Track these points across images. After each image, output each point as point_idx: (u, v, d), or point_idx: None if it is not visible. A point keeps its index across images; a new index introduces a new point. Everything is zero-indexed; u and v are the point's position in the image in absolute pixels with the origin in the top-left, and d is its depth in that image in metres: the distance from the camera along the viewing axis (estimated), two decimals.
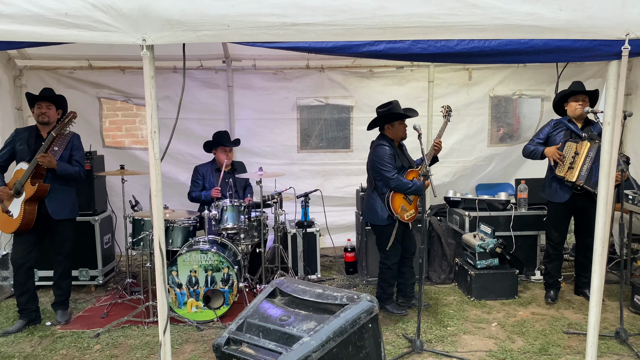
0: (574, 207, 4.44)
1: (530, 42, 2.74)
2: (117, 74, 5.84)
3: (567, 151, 4.31)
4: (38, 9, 2.57)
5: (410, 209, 4.23)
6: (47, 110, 4.14)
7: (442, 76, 6.05)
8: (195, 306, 4.26)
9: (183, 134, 5.74)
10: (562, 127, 4.48)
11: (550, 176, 4.53)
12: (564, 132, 4.46)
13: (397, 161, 4.18)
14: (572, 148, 4.28)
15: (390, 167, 4.12)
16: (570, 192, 4.36)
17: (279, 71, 6.03)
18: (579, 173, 4.19)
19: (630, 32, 2.66)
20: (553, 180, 4.47)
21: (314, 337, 2.39)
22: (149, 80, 2.70)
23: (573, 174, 4.23)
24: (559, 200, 4.43)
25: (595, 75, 5.90)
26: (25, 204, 4.00)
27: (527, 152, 4.63)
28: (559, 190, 4.43)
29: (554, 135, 4.51)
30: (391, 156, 4.14)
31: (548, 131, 4.57)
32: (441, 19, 2.66)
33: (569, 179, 4.25)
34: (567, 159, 4.28)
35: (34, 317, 4.25)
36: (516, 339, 3.87)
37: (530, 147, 4.59)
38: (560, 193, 4.42)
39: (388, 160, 4.13)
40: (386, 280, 4.38)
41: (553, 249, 4.61)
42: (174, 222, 4.54)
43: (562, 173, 4.31)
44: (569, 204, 4.41)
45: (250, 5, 2.60)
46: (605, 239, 2.95)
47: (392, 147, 4.20)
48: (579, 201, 4.37)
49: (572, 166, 4.25)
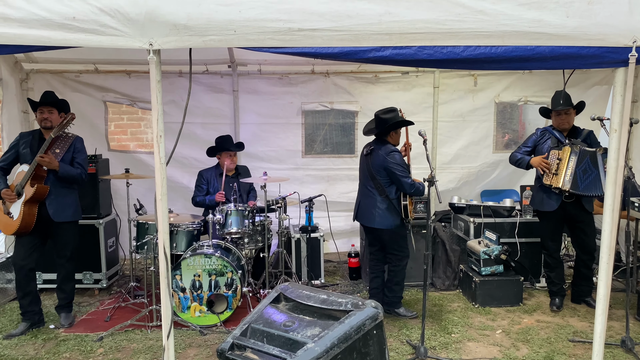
0: (565, 216, 4.45)
1: (536, 48, 2.74)
2: (123, 77, 5.86)
3: (552, 159, 4.33)
4: (46, 13, 2.59)
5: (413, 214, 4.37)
6: (49, 115, 4.16)
7: (448, 82, 6.04)
8: (199, 310, 4.25)
9: (188, 138, 5.75)
10: (548, 136, 4.51)
11: (537, 185, 4.55)
12: (550, 140, 4.47)
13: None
14: (555, 155, 4.31)
15: (407, 173, 4.16)
16: (559, 200, 4.36)
17: (284, 76, 6.04)
18: (563, 178, 4.21)
19: (638, 40, 2.66)
20: (541, 189, 4.49)
21: (318, 343, 2.37)
22: (155, 84, 2.71)
23: (558, 179, 4.24)
24: (548, 209, 4.44)
25: (601, 82, 5.89)
26: (25, 206, 4.01)
27: (513, 160, 4.65)
28: (547, 199, 4.43)
29: (541, 144, 4.52)
30: (404, 162, 4.22)
31: (535, 140, 4.59)
32: (448, 25, 2.66)
33: (555, 185, 4.27)
34: (552, 166, 4.29)
35: (37, 319, 4.25)
36: (521, 347, 3.85)
37: (517, 155, 4.61)
38: (549, 202, 4.42)
39: (405, 165, 4.19)
40: (400, 284, 4.42)
41: (551, 258, 4.62)
42: (178, 226, 4.54)
43: (548, 181, 4.32)
44: (559, 212, 4.41)
45: (257, 10, 2.61)
46: (612, 247, 2.93)
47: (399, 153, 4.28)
48: (569, 209, 4.38)
49: (556, 172, 4.27)
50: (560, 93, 4.39)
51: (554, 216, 4.46)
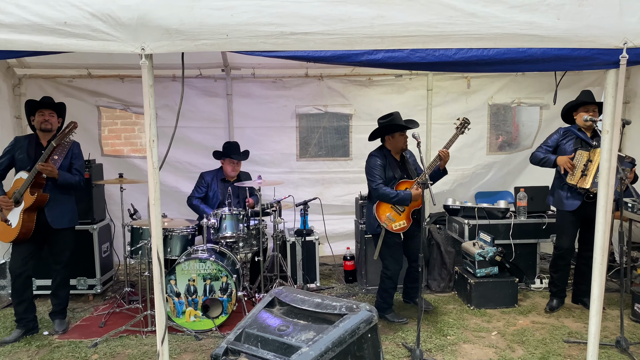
0: (583, 216, 4.36)
1: (528, 50, 2.75)
2: (116, 82, 5.85)
3: (578, 159, 4.27)
4: (37, 18, 2.58)
5: (400, 219, 4.21)
6: (50, 117, 4.15)
7: (441, 84, 6.06)
8: (194, 315, 4.24)
9: (182, 142, 5.74)
10: (572, 136, 4.44)
11: (559, 184, 4.48)
12: (573, 140, 4.41)
13: (387, 172, 4.24)
14: (584, 156, 4.24)
15: (375, 177, 4.20)
16: (581, 200, 4.30)
17: (278, 79, 6.05)
18: (592, 180, 4.15)
19: (628, 41, 2.67)
20: (563, 188, 4.42)
21: (312, 347, 2.37)
22: (148, 89, 2.70)
23: (586, 181, 4.19)
24: (569, 209, 4.37)
25: (593, 84, 5.92)
26: (24, 213, 3.99)
27: (536, 160, 4.55)
28: (569, 198, 4.38)
29: (564, 144, 4.46)
30: (380, 167, 4.23)
31: (557, 139, 4.52)
32: (439, 28, 2.67)
33: (583, 186, 4.21)
34: (579, 167, 4.24)
35: (32, 326, 4.22)
36: (516, 348, 3.85)
37: (540, 154, 4.52)
38: (571, 201, 4.36)
39: (375, 170, 4.22)
40: (387, 290, 4.37)
41: (561, 259, 4.52)
42: (173, 231, 4.53)
43: (574, 181, 4.26)
44: (579, 212, 4.34)
45: (249, 14, 2.61)
46: (605, 247, 2.94)
47: (384, 158, 4.27)
48: (589, 210, 4.33)
49: (584, 173, 4.21)
50: (589, 92, 4.38)
51: (572, 215, 4.39)
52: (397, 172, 4.27)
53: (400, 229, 4.21)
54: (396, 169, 4.28)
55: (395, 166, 4.29)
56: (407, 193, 4.10)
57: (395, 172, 4.26)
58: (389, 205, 4.21)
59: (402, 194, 4.11)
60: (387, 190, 4.16)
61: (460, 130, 4.24)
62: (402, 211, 4.22)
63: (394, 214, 4.21)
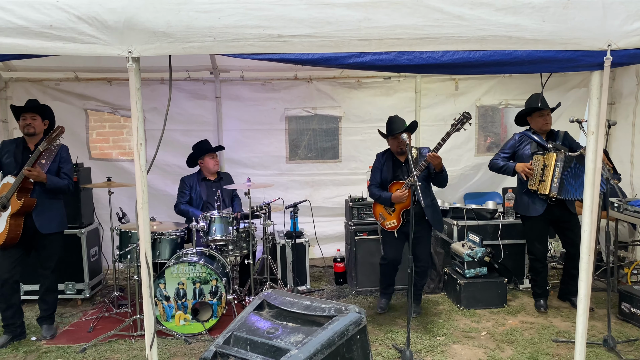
0: (551, 218, 4.46)
1: (514, 53, 2.78)
2: (104, 85, 5.82)
3: (536, 164, 4.34)
4: (22, 21, 2.57)
5: (390, 218, 4.38)
6: (32, 121, 4.10)
7: (429, 86, 6.09)
8: (184, 319, 4.22)
9: (170, 145, 5.71)
10: (528, 140, 4.51)
11: (521, 190, 4.54)
12: (530, 145, 4.48)
13: (383, 173, 4.43)
14: (540, 161, 4.31)
15: (371, 178, 4.53)
16: (545, 204, 4.37)
17: (267, 82, 6.05)
18: (550, 185, 4.23)
19: (612, 43, 2.71)
20: (525, 194, 4.48)
21: (301, 349, 2.37)
22: (135, 92, 2.70)
23: (545, 186, 4.26)
24: (534, 214, 4.44)
25: (579, 85, 5.98)
26: (11, 219, 3.95)
27: (496, 168, 4.62)
28: (532, 204, 4.43)
29: (521, 149, 4.53)
30: (376, 169, 4.49)
31: (513, 145, 4.59)
32: (426, 31, 2.69)
33: (542, 191, 4.29)
34: (537, 172, 4.31)
35: (19, 332, 4.18)
36: (505, 348, 3.88)
37: (499, 162, 4.58)
38: (534, 206, 4.42)
39: (372, 171, 4.54)
40: (380, 274, 4.66)
41: (538, 262, 4.60)
42: (162, 235, 4.50)
43: (534, 187, 4.34)
44: (545, 216, 4.42)
45: (236, 17, 2.61)
46: (591, 247, 2.97)
47: (383, 160, 4.47)
48: (555, 211, 4.40)
49: (543, 179, 4.28)
50: (539, 95, 4.43)
51: (539, 220, 4.46)
52: (390, 174, 4.39)
53: (391, 227, 4.39)
54: (391, 171, 4.39)
55: (392, 167, 4.39)
56: (387, 195, 4.31)
57: (389, 174, 4.39)
58: (381, 205, 4.44)
59: (383, 195, 4.35)
60: (374, 190, 4.45)
61: (455, 127, 4.01)
62: (392, 211, 4.36)
63: (385, 214, 4.42)
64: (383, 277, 4.65)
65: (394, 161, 4.41)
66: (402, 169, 4.34)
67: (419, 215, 4.18)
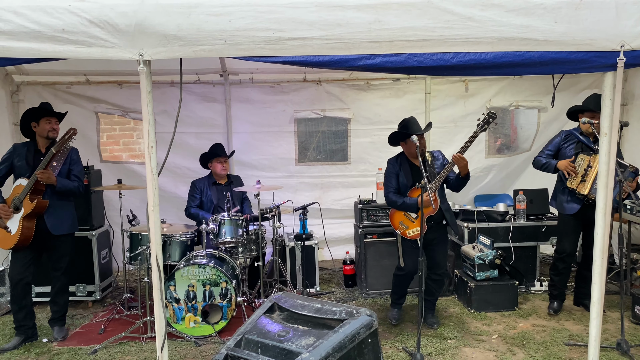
0: (584, 219, 4.33)
1: (525, 54, 2.76)
2: (115, 88, 5.86)
3: (579, 164, 4.24)
4: (35, 25, 2.59)
5: (413, 226, 4.14)
6: (56, 126, 4.18)
7: (439, 88, 6.06)
8: (194, 321, 4.23)
9: (180, 147, 5.74)
10: (574, 140, 4.40)
11: (560, 187, 4.45)
12: (575, 144, 4.38)
13: (400, 179, 4.21)
14: (585, 161, 4.21)
15: (387, 185, 4.26)
16: (581, 204, 4.28)
17: (277, 84, 6.05)
18: (591, 186, 4.12)
19: (625, 44, 2.68)
20: (564, 192, 4.39)
21: (313, 353, 2.36)
22: (146, 95, 2.71)
23: (585, 187, 4.17)
24: (569, 212, 4.35)
25: (591, 86, 5.93)
26: (24, 220, 3.98)
27: (538, 165, 4.53)
28: (569, 202, 4.35)
29: (565, 148, 4.43)
30: (392, 174, 4.25)
31: (558, 142, 4.49)
32: (437, 32, 2.67)
33: (581, 192, 4.19)
34: (579, 171, 4.22)
35: (31, 333, 4.20)
36: (517, 351, 3.85)
37: (542, 159, 4.49)
38: (571, 205, 4.34)
39: (388, 178, 4.28)
40: (395, 285, 4.46)
41: (562, 262, 4.48)
42: (172, 237, 4.52)
43: (573, 185, 4.24)
44: (579, 216, 4.32)
45: (247, 20, 2.62)
46: (605, 250, 2.94)
47: (398, 165, 4.24)
48: (589, 213, 4.32)
49: (584, 179, 4.18)
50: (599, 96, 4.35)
51: (573, 219, 4.37)
52: (409, 179, 4.19)
53: (414, 235, 4.14)
54: (409, 175, 4.21)
55: (409, 172, 4.21)
56: (412, 200, 4.07)
57: (408, 179, 4.19)
58: (402, 212, 4.20)
59: (407, 201, 4.10)
60: (393, 197, 4.18)
61: (482, 127, 3.97)
62: (415, 218, 4.14)
63: (407, 221, 4.17)
64: (397, 288, 4.47)
65: (410, 165, 4.24)
66: (416, 174, 4.15)
67: (437, 220, 4.15)
